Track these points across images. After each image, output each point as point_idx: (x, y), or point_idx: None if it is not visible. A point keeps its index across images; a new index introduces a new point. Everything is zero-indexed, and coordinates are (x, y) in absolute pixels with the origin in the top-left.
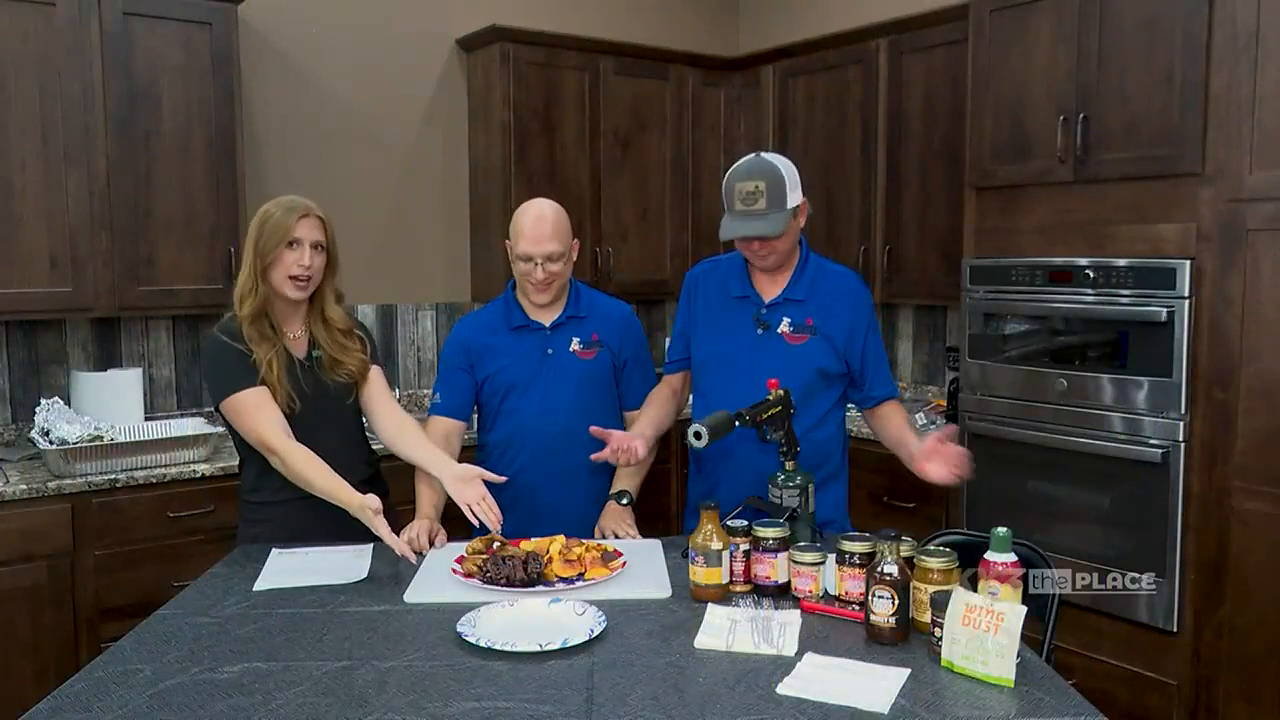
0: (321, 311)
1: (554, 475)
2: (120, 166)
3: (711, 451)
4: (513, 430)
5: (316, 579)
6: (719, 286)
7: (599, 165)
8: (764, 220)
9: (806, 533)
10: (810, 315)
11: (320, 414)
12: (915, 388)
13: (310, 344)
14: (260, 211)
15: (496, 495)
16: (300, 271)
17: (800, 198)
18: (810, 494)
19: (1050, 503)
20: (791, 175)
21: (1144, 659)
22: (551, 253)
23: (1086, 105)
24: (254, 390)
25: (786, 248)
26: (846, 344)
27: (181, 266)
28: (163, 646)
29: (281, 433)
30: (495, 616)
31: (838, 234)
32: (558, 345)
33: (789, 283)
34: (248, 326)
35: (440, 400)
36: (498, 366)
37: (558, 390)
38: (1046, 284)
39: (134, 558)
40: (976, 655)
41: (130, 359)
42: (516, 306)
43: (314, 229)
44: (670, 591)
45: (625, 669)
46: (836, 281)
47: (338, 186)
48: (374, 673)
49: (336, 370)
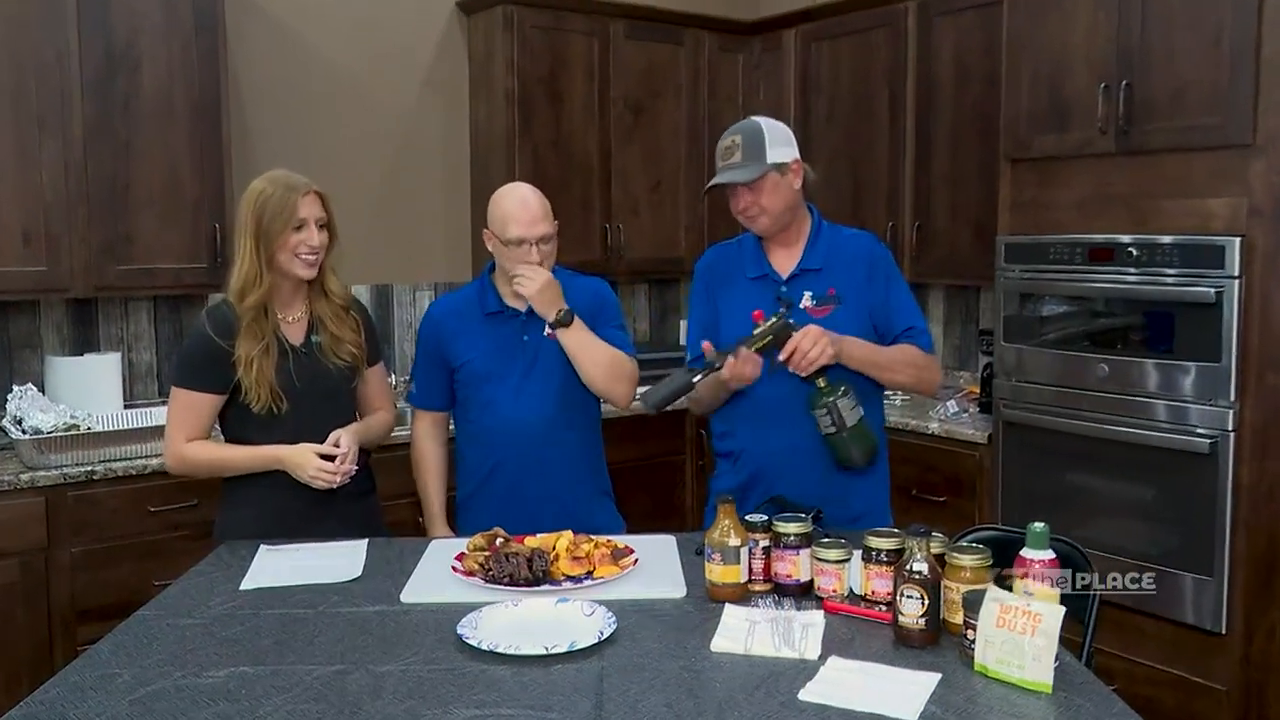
0: (323, 286)
1: (533, 467)
2: (97, 135)
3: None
4: (489, 421)
5: (307, 577)
6: (733, 270)
7: (609, 136)
8: (738, 170)
9: (858, 447)
10: (831, 284)
11: (316, 406)
12: (946, 374)
13: (310, 328)
14: (252, 192)
15: (473, 489)
16: (309, 251)
17: (790, 156)
18: (855, 399)
19: (1090, 496)
20: (775, 132)
21: (1190, 663)
22: (545, 234)
23: (1129, 71)
24: (205, 397)
25: (776, 206)
26: (871, 304)
27: (163, 244)
28: (143, 650)
29: (183, 439)
30: (498, 617)
31: (864, 209)
32: (534, 331)
33: (803, 253)
34: (248, 322)
35: (417, 391)
36: (471, 355)
37: (535, 378)
38: (1086, 262)
39: (112, 555)
40: (1012, 659)
41: (108, 343)
42: (493, 291)
43: (316, 205)
44: (685, 591)
45: (637, 674)
46: (851, 244)
47: (329, 157)
48: (368, 678)
49: (338, 350)
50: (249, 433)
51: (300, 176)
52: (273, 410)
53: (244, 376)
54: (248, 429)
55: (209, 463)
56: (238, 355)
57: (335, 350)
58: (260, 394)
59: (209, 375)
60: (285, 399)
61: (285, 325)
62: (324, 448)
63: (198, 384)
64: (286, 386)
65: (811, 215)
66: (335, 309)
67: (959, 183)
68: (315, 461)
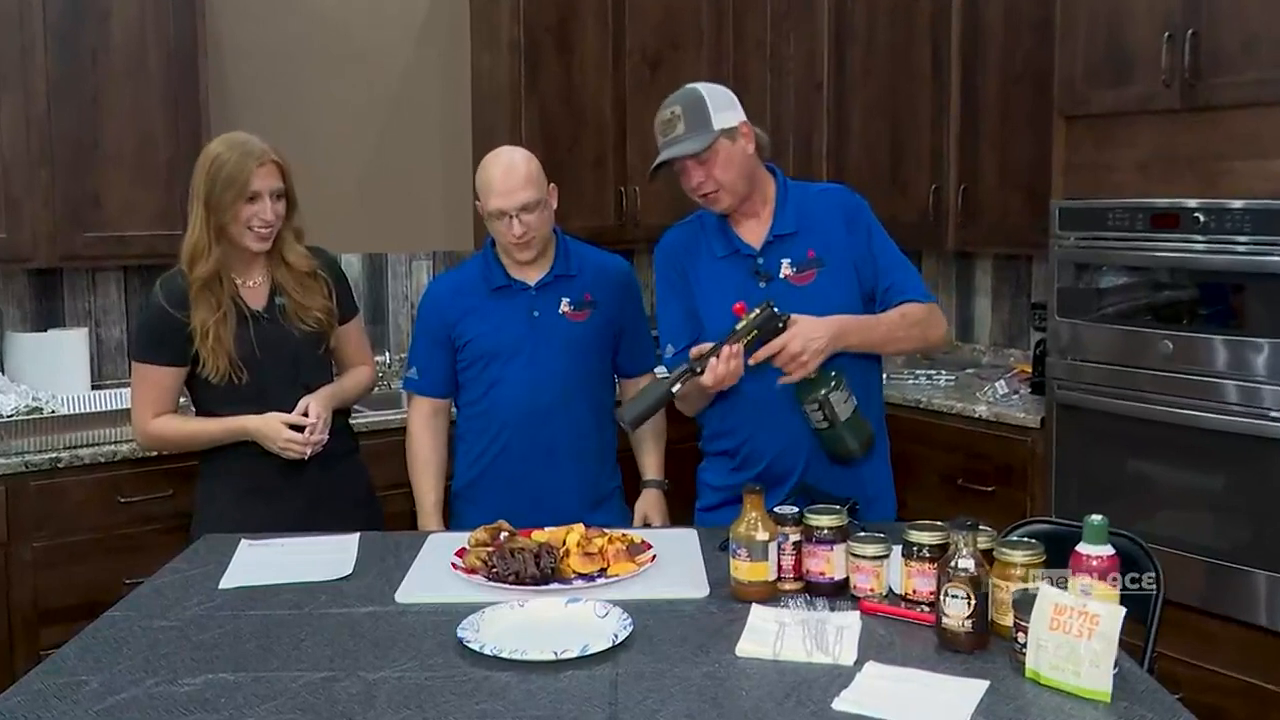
0: (282, 255)
1: (540, 454)
2: (62, 90)
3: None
4: (494, 404)
5: (293, 575)
6: (700, 252)
7: (624, 90)
8: (684, 142)
9: (853, 440)
10: (810, 246)
11: (280, 373)
12: (995, 351)
13: (272, 291)
14: (207, 156)
15: (475, 476)
16: (261, 225)
17: (737, 119)
18: (848, 389)
19: (1153, 486)
20: (717, 96)
21: (1263, 669)
22: (526, 202)
23: (1196, 19)
24: (166, 370)
25: (731, 177)
26: (855, 259)
27: (134, 208)
28: (112, 655)
29: (150, 416)
30: (502, 619)
31: (903, 172)
32: (544, 307)
33: (774, 219)
34: (198, 290)
35: (417, 376)
36: (476, 332)
37: (545, 358)
38: (1149, 229)
39: (79, 550)
40: (1067, 664)
41: (74, 317)
42: (497, 265)
43: (273, 176)
44: (708, 590)
45: (655, 681)
46: (823, 200)
47: (317, 113)
48: (360, 685)
49: (304, 316)
50: (216, 404)
51: (259, 143)
52: (233, 380)
53: (200, 347)
54: (214, 400)
55: (178, 437)
56: (193, 326)
57: (302, 316)
58: (218, 365)
59: (166, 348)
60: (245, 369)
61: (245, 290)
62: (292, 417)
63: (156, 358)
64: (246, 356)
65: (775, 177)
66: (298, 276)
67: (1009, 142)
68: (284, 432)
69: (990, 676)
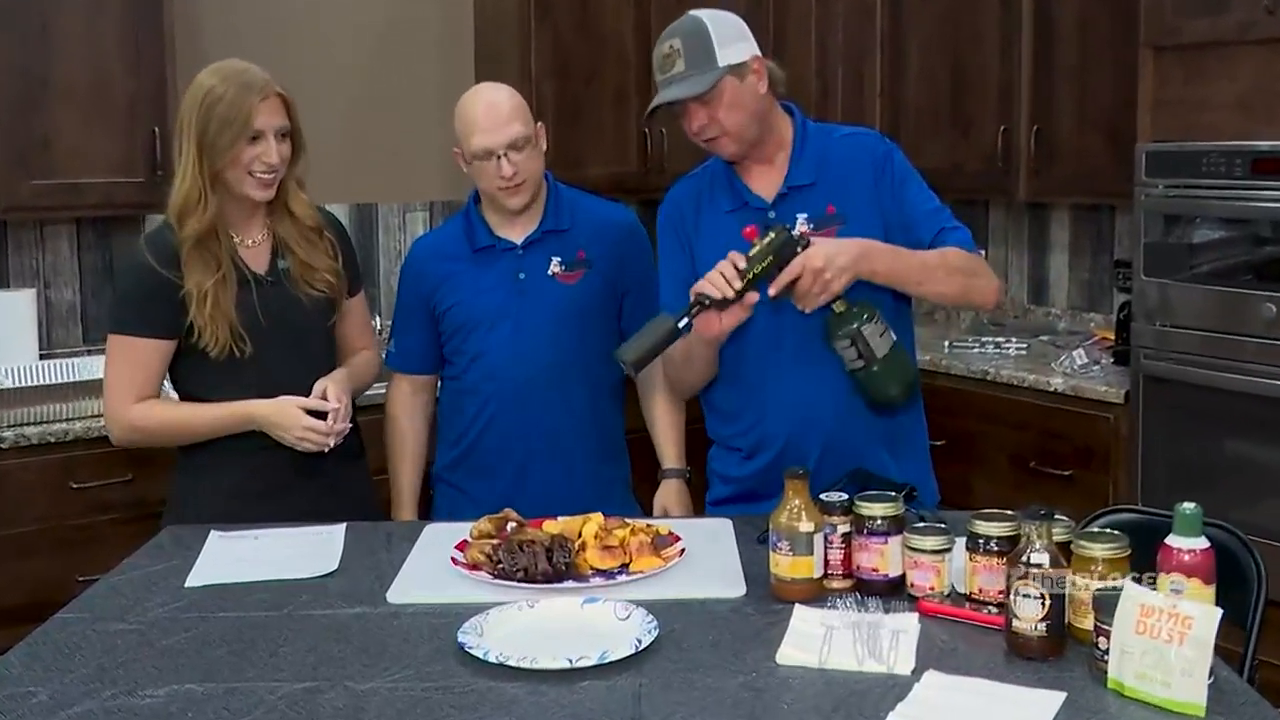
0: (286, 206)
1: (529, 432)
2: (4, 17)
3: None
4: (478, 377)
5: (270, 572)
6: (706, 208)
7: (648, 16)
8: (685, 82)
9: (894, 383)
10: (830, 201)
11: (287, 349)
12: (1072, 315)
13: (274, 253)
14: (198, 89)
15: (453, 461)
16: (265, 170)
17: (748, 53)
18: (883, 322)
19: (1253, 469)
20: (724, 25)
21: None
22: (515, 138)
23: None
24: (153, 344)
25: (739, 121)
26: (884, 217)
27: (89, 152)
28: (64, 662)
29: (131, 401)
30: (509, 622)
31: (967, 110)
32: (532, 268)
33: (789, 168)
34: (189, 249)
35: (396, 350)
36: (455, 300)
37: (531, 325)
38: (1249, 176)
39: (26, 543)
40: (1155, 673)
41: (20, 277)
42: (480, 222)
43: (278, 112)
44: (744, 589)
45: (683, 693)
46: (848, 147)
47: (298, 48)
48: (347, 697)
49: (311, 279)
50: (206, 387)
51: (260, 72)
52: (234, 352)
53: (197, 314)
54: (204, 382)
55: (166, 427)
56: (187, 289)
57: (309, 280)
58: (218, 334)
59: (155, 316)
60: (248, 339)
61: (244, 250)
62: (310, 401)
63: (142, 328)
64: (250, 324)
65: (793, 118)
66: (303, 231)
67: (1088, 77)
68: (302, 419)
69: (1067, 687)
